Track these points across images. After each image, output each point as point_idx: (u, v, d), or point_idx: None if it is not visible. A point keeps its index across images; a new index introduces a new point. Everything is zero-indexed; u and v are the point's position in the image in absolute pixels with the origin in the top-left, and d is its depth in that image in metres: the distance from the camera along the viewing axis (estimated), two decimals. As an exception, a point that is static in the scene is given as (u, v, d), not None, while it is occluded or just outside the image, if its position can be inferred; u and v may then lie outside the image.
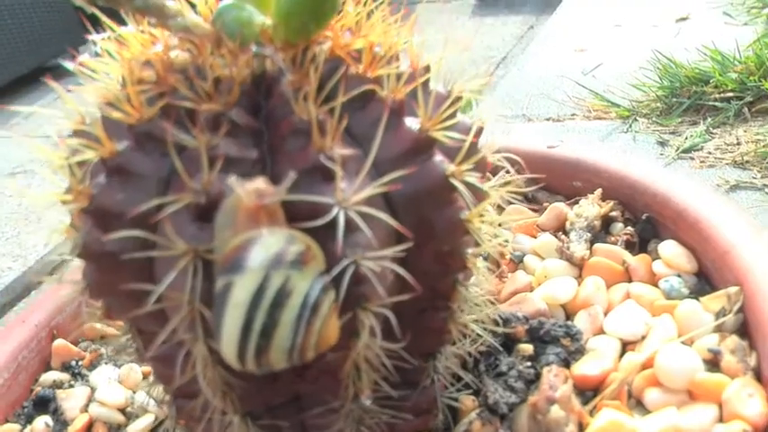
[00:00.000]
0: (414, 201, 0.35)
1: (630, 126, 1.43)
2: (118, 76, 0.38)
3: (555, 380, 0.41)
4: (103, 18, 0.37)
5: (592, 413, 0.43)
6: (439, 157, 0.36)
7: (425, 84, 0.38)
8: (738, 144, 1.29)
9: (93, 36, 0.41)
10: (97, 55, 0.39)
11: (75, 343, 0.60)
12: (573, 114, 1.54)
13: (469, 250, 0.38)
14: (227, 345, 0.30)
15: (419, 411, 0.43)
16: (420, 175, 0.35)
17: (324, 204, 0.32)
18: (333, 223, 0.32)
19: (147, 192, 0.34)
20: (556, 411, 0.39)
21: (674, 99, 1.45)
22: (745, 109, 1.37)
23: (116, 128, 0.35)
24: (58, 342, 0.59)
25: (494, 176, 0.41)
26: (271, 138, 0.34)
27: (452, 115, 0.37)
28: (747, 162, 1.24)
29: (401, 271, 0.33)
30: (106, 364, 0.59)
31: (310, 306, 0.30)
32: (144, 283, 0.34)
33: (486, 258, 0.43)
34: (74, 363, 0.59)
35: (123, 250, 0.34)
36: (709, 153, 1.29)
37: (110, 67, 0.39)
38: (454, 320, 0.41)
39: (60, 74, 0.45)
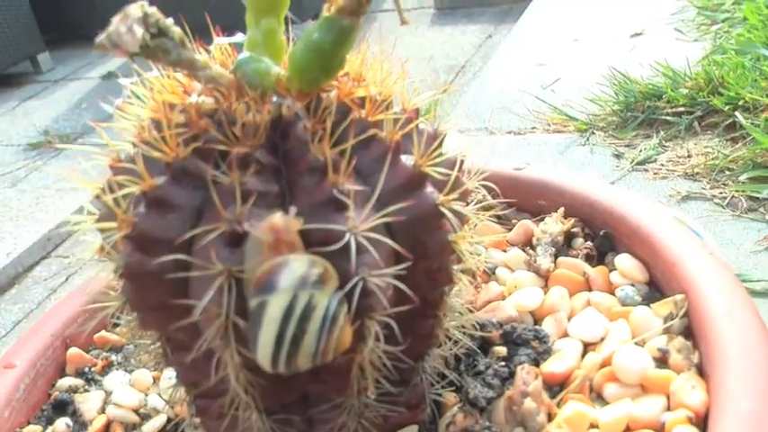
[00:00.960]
0: (410, 226, 0.41)
1: (588, 139, 1.49)
2: (148, 117, 0.44)
3: (527, 377, 0.47)
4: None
5: (559, 405, 0.49)
6: (430, 189, 0.42)
7: (417, 125, 0.44)
8: (689, 156, 1.36)
9: (123, 80, 0.47)
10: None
11: (86, 351, 0.66)
12: (533, 128, 1.60)
13: (455, 267, 0.45)
14: (263, 352, 0.36)
15: (410, 406, 0.49)
16: (415, 205, 0.41)
17: (338, 231, 0.38)
18: (345, 247, 0.38)
19: (183, 220, 0.40)
20: (529, 403, 0.45)
21: (629, 113, 1.52)
22: (696, 123, 1.44)
23: (152, 164, 0.41)
24: (72, 350, 0.64)
25: (473, 198, 0.48)
26: (289, 174, 0.41)
27: (440, 153, 0.43)
28: (697, 174, 1.32)
29: (401, 285, 0.40)
30: (117, 370, 0.64)
31: (330, 318, 0.36)
32: (178, 300, 0.41)
33: (464, 272, 0.49)
34: (87, 369, 0.64)
35: (163, 271, 0.40)
36: (662, 165, 1.37)
37: (141, 109, 0.45)
38: (440, 326, 0.47)
39: (19, 81, 0.50)
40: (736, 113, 1.38)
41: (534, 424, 0.44)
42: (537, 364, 0.53)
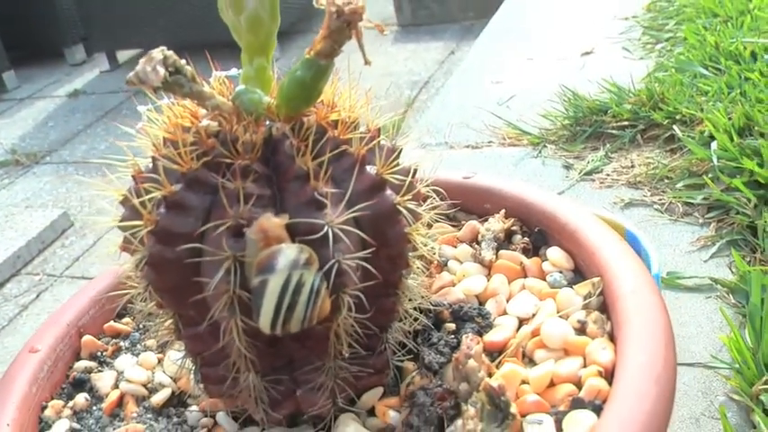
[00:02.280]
0: (374, 221, 0.53)
1: (540, 152, 1.60)
2: (162, 137, 0.55)
3: (470, 342, 0.58)
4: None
5: (498, 366, 0.61)
6: (389, 192, 0.54)
7: (378, 142, 0.56)
8: (632, 167, 1.48)
9: (140, 108, 0.58)
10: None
11: (98, 339, 0.76)
12: (490, 142, 1.71)
13: (410, 254, 0.56)
14: (265, 318, 0.48)
15: (376, 370, 0.60)
16: (377, 204, 0.53)
17: (318, 224, 0.49)
18: (324, 237, 0.49)
19: (195, 218, 0.51)
20: (471, 363, 0.57)
21: (578, 128, 1.63)
22: (638, 136, 1.55)
23: (170, 174, 0.52)
24: (86, 338, 0.74)
25: (426, 202, 0.59)
26: (279, 181, 0.52)
27: (397, 164, 0.55)
28: (640, 182, 1.43)
29: (368, 266, 0.51)
30: (125, 353, 0.74)
31: (315, 291, 0.48)
32: (192, 283, 0.52)
33: (419, 258, 0.60)
34: (99, 353, 0.74)
35: (180, 258, 0.51)
36: (608, 175, 1.48)
37: (155, 130, 0.56)
38: (400, 303, 0.59)
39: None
40: (674, 127, 1.50)
41: (476, 379, 0.56)
42: (480, 335, 0.64)
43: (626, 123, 1.59)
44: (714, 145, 1.37)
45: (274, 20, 0.54)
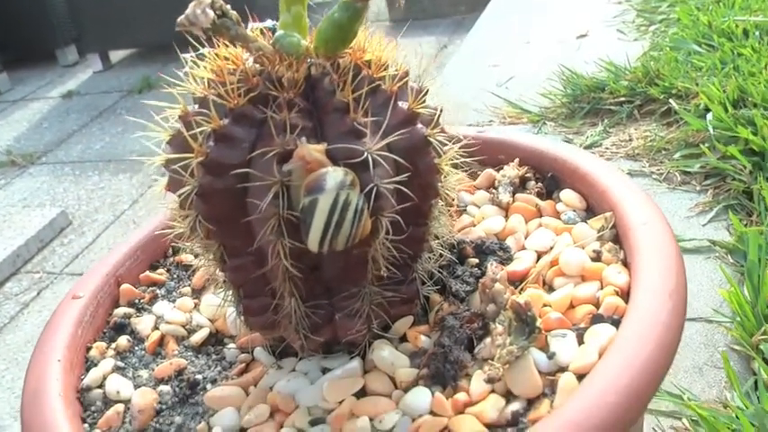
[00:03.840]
0: (407, 151, 0.57)
1: (540, 129, 1.65)
2: (208, 78, 0.59)
3: (495, 269, 0.63)
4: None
5: (521, 292, 0.65)
6: (420, 125, 0.58)
7: (407, 81, 0.60)
8: (630, 140, 1.53)
9: (184, 55, 0.62)
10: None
11: (135, 287, 0.80)
12: (491, 121, 1.75)
13: (439, 184, 0.61)
14: (314, 235, 0.52)
15: (407, 299, 0.65)
16: (410, 135, 0.57)
17: (358, 150, 0.54)
18: (364, 162, 0.54)
19: (242, 149, 0.55)
20: (497, 286, 0.61)
21: (577, 105, 1.68)
22: (635, 111, 1.61)
23: (218, 109, 0.56)
24: (125, 286, 0.78)
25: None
26: (319, 114, 0.56)
27: (425, 101, 0.59)
28: (638, 154, 1.48)
29: (404, 189, 0.55)
30: (161, 300, 0.79)
31: (360, 210, 0.52)
32: (239, 210, 0.56)
33: (443, 202, 0.65)
34: (137, 301, 0.78)
35: (228, 187, 0.56)
36: (607, 148, 1.53)
37: (202, 72, 0.60)
38: (429, 233, 0.63)
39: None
40: (671, 101, 1.55)
41: (502, 300, 0.60)
42: (502, 266, 0.68)
43: (623, 99, 1.63)
44: (709, 116, 1.42)
45: (310, -31, 0.58)
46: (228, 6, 0.56)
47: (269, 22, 0.63)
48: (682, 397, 0.93)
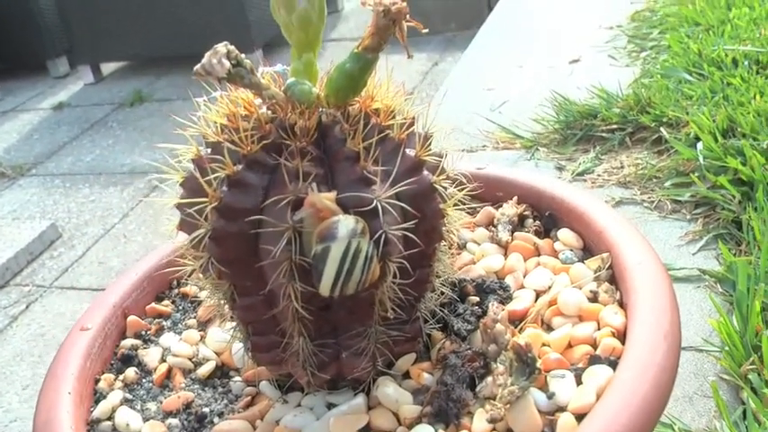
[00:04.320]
0: (413, 197, 0.59)
1: (533, 155, 1.66)
2: (221, 124, 0.61)
3: (496, 309, 0.65)
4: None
5: (520, 332, 0.67)
6: (426, 172, 0.60)
7: (413, 129, 0.62)
8: (622, 167, 1.54)
9: (197, 100, 0.64)
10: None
11: (141, 319, 0.82)
12: (484, 146, 1.76)
13: (443, 228, 0.63)
14: (326, 282, 0.54)
15: (409, 338, 0.67)
16: (417, 182, 0.59)
17: (368, 198, 0.56)
18: (373, 210, 0.56)
19: (255, 195, 0.58)
20: (499, 326, 0.63)
21: (569, 131, 1.69)
22: (627, 138, 1.61)
23: (232, 156, 0.58)
24: (132, 318, 0.80)
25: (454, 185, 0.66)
26: (330, 161, 0.58)
27: (430, 148, 0.62)
28: (629, 182, 1.49)
29: (410, 235, 0.58)
30: (168, 332, 0.80)
31: (369, 257, 0.54)
32: (251, 253, 0.58)
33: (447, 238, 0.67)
34: (143, 332, 0.80)
35: (241, 232, 0.58)
36: (599, 175, 1.54)
37: (214, 116, 0.62)
38: (434, 274, 0.65)
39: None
40: (661, 129, 1.57)
41: (503, 340, 0.62)
42: (502, 305, 0.71)
43: (615, 126, 1.65)
44: (700, 145, 1.44)
45: (321, 19, 0.60)
46: (243, 56, 0.58)
47: (279, 67, 0.65)
48: (672, 427, 0.95)
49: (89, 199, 2.89)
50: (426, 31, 0.58)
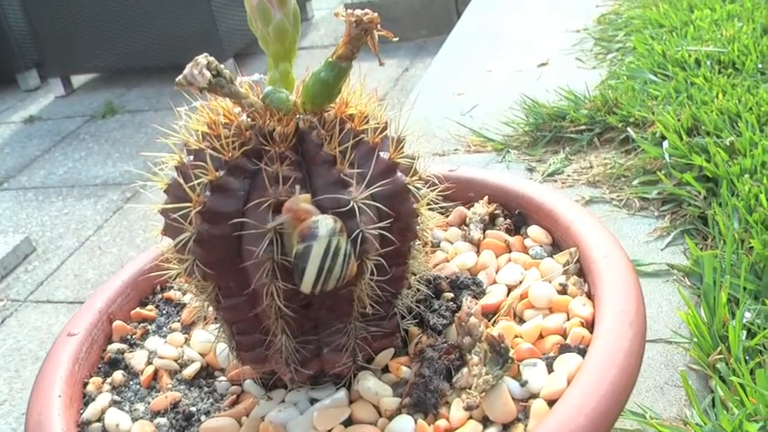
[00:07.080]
0: (388, 198, 0.62)
1: (504, 157, 1.69)
2: (201, 131, 0.64)
3: (470, 303, 0.68)
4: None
5: (493, 325, 0.70)
6: (400, 174, 0.63)
7: (386, 133, 0.65)
8: (591, 167, 1.57)
9: (179, 109, 0.66)
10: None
11: (126, 323, 0.84)
12: (456, 149, 1.79)
13: (418, 227, 0.66)
14: (308, 279, 0.57)
15: (388, 333, 0.70)
16: (392, 183, 0.62)
17: (345, 200, 0.59)
18: (350, 210, 0.59)
19: (237, 199, 0.60)
20: (473, 319, 0.66)
21: (539, 133, 1.72)
22: (595, 139, 1.64)
23: (214, 162, 0.61)
24: (117, 322, 0.82)
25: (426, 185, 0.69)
26: (308, 165, 0.61)
27: (403, 150, 0.65)
28: (599, 181, 1.52)
29: (386, 234, 0.61)
30: (153, 335, 0.83)
31: (348, 255, 0.57)
32: (234, 255, 0.61)
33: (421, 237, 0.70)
34: (129, 337, 0.82)
35: (224, 235, 0.60)
36: (569, 176, 1.57)
37: (196, 125, 0.65)
38: (409, 271, 0.68)
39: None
40: (628, 129, 1.60)
41: (477, 333, 0.65)
42: (476, 300, 0.74)
43: (583, 128, 1.68)
44: (665, 144, 1.48)
45: (297, 30, 0.63)
46: (222, 66, 0.61)
47: (256, 76, 0.68)
48: (644, 416, 0.98)
49: (63, 212, 2.88)
50: (397, 39, 0.60)
